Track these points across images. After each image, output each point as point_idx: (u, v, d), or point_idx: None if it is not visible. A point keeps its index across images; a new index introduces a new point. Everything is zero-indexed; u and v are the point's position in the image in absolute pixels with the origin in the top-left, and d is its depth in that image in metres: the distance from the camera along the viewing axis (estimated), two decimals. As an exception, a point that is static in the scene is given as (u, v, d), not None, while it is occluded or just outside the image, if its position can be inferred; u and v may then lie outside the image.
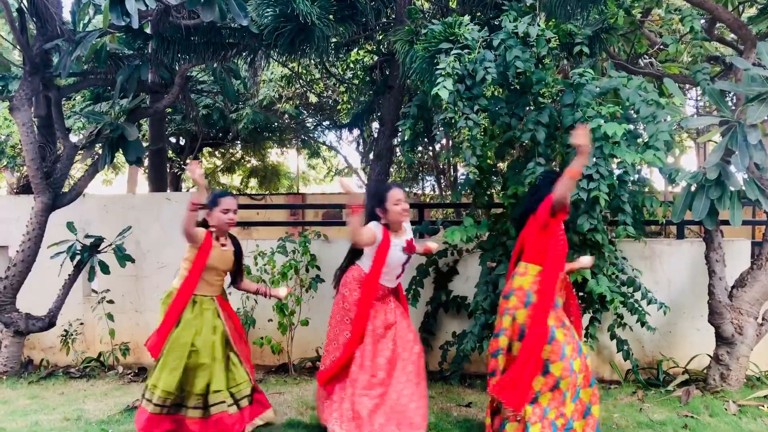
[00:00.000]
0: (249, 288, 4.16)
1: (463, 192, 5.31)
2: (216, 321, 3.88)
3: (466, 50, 4.22)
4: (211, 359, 3.78)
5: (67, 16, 5.80)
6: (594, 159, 4.17)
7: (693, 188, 4.41)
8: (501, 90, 4.76)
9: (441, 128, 4.53)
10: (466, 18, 4.41)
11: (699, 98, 10.60)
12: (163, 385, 3.71)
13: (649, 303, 4.84)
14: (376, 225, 3.88)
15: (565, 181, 3.47)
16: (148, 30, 5.58)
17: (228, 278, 4.06)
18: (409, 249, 3.97)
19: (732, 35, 6.27)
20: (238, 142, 14.39)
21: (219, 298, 3.96)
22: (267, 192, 16.07)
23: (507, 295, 3.72)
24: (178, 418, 3.78)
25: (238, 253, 4.01)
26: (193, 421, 3.76)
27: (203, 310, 3.84)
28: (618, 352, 5.02)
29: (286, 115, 12.37)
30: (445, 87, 3.99)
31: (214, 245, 3.84)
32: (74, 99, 9.26)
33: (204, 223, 3.89)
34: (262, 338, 5.40)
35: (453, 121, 4.20)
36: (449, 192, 11.30)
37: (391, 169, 5.49)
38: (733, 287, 4.88)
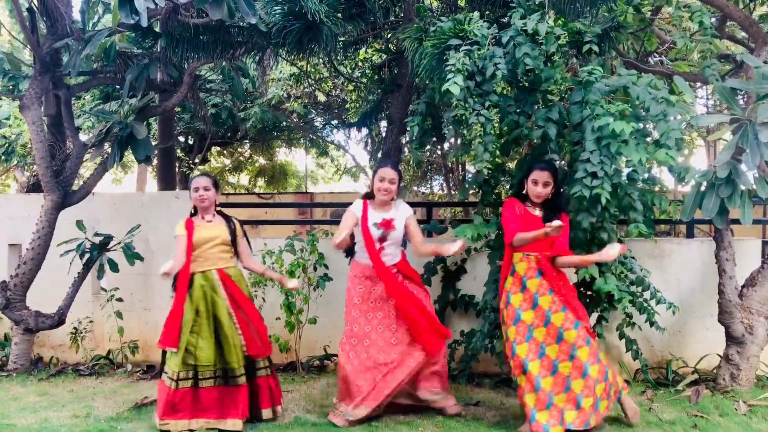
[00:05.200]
0: (255, 268, 4.40)
1: (470, 190, 5.30)
2: (212, 294, 4.09)
3: (475, 47, 4.20)
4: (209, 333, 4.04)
5: (76, 15, 5.83)
6: (600, 157, 4.14)
7: (703, 187, 4.37)
8: (510, 88, 4.73)
9: (450, 126, 4.52)
10: (476, 14, 4.39)
11: (709, 96, 10.54)
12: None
13: (658, 303, 4.81)
14: (355, 204, 4.16)
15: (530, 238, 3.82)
16: (157, 28, 5.59)
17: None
18: (384, 225, 4.11)
19: (743, 33, 6.22)
20: (247, 141, 14.43)
21: (221, 272, 4.14)
22: (275, 191, 16.11)
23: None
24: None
25: (232, 229, 4.21)
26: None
27: (199, 285, 4.06)
28: (627, 351, 4.99)
29: (295, 114, 12.39)
30: (455, 83, 3.97)
31: (198, 225, 4.13)
32: (84, 98, 9.31)
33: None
34: (269, 336, 5.39)
35: (464, 118, 4.18)
36: (457, 191, 11.28)
37: (400, 168, 5.46)
38: (743, 287, 4.84)
